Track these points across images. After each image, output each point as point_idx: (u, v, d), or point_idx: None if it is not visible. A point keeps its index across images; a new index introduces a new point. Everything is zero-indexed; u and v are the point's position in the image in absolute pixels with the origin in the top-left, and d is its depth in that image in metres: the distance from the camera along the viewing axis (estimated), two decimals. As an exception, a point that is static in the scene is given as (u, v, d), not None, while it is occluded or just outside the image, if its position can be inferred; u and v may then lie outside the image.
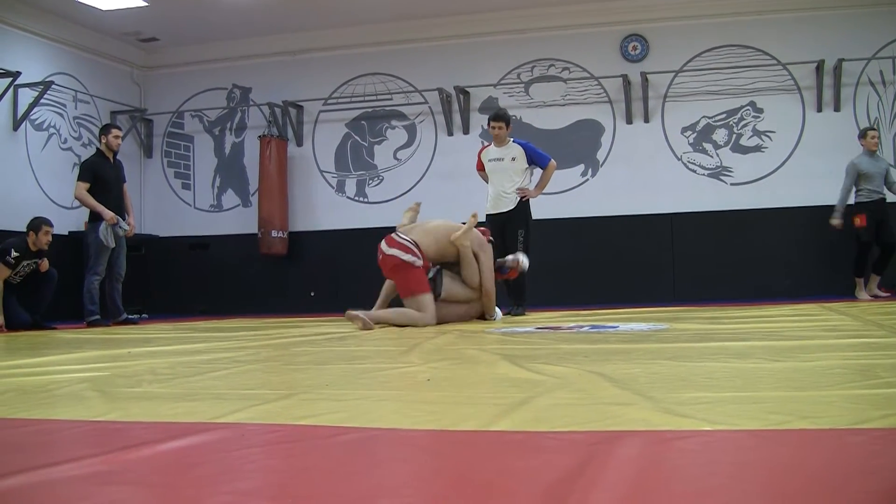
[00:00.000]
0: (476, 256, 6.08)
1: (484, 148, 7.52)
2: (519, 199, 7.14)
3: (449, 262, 6.15)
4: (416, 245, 5.88)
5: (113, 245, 7.67)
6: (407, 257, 5.82)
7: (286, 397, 2.18)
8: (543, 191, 7.39)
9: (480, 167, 7.47)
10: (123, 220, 7.80)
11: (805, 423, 1.59)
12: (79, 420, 1.92)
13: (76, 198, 7.93)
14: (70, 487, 1.27)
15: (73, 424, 1.87)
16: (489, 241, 6.33)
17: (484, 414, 1.81)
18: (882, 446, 1.43)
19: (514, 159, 7.17)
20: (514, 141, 7.28)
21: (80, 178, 7.78)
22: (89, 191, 7.67)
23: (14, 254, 7.17)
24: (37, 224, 7.34)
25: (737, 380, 2.27)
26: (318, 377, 2.70)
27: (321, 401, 2.10)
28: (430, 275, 5.92)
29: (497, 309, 6.24)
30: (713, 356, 2.89)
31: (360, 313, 5.50)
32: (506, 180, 7.17)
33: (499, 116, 7.19)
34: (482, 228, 6.31)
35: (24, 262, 7.31)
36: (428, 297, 5.76)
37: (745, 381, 2.24)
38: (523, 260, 6.37)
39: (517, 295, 7.12)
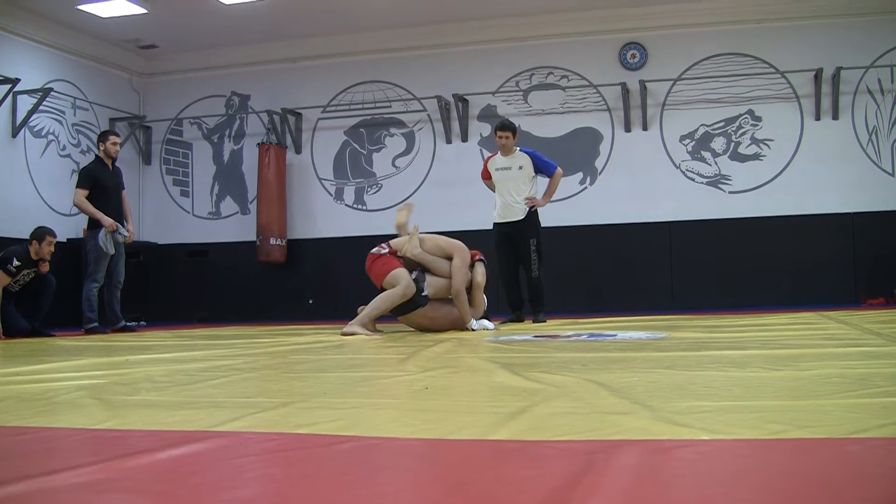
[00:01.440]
0: (451, 259, 6.14)
1: (490, 157, 7.58)
2: (528, 209, 7.21)
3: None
4: (388, 245, 6.14)
5: (112, 252, 7.67)
6: (374, 250, 6.14)
7: (284, 405, 2.17)
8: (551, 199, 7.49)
9: (486, 176, 7.52)
10: (122, 226, 7.80)
11: (803, 433, 1.59)
12: (77, 428, 1.92)
13: (75, 205, 7.93)
14: (69, 495, 1.27)
15: (71, 432, 1.87)
16: (479, 259, 6.32)
17: (482, 422, 1.81)
18: (880, 455, 1.44)
19: (521, 168, 7.24)
20: (520, 150, 7.35)
21: (78, 185, 7.78)
22: (88, 198, 7.67)
23: (16, 262, 7.17)
24: (40, 234, 7.33)
25: (735, 388, 2.27)
26: (316, 385, 2.70)
27: (319, 409, 2.10)
28: (413, 276, 5.98)
29: (486, 321, 6.19)
30: (711, 365, 2.89)
31: (356, 328, 5.63)
32: (513, 189, 7.25)
33: (505, 126, 7.27)
34: (473, 251, 6.33)
35: (25, 271, 7.31)
36: (400, 271, 5.92)
37: (744, 390, 2.25)
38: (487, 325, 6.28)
39: (536, 302, 7.24)
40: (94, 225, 7.70)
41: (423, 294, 5.94)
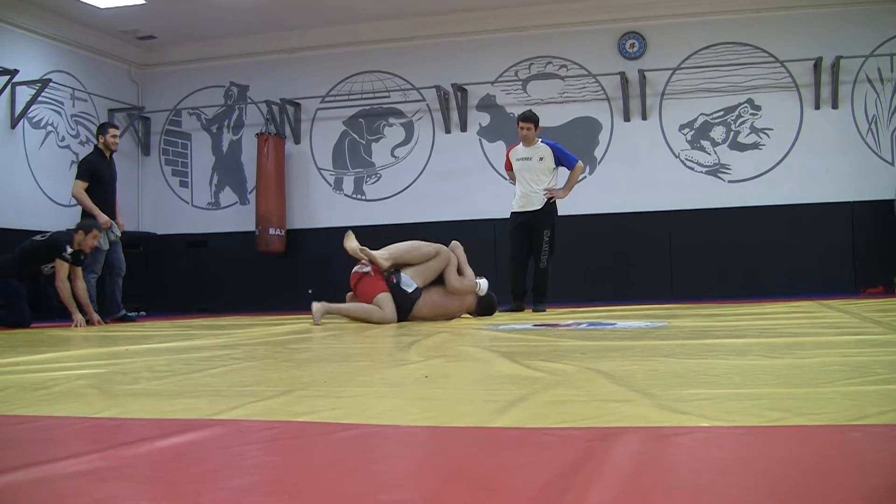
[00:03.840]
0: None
1: (512, 147, 7.63)
2: (546, 199, 7.26)
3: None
4: (370, 261, 6.17)
5: (107, 248, 7.68)
6: (358, 267, 6.18)
7: (284, 394, 2.18)
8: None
9: (509, 167, 7.58)
10: (115, 220, 7.80)
11: (802, 420, 1.59)
12: (78, 417, 1.92)
13: (73, 196, 7.91)
14: (69, 483, 1.27)
15: (71, 421, 1.87)
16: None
17: (482, 410, 1.81)
18: (879, 443, 1.44)
19: (541, 159, 7.31)
20: (542, 141, 7.41)
21: (78, 177, 7.76)
22: (87, 190, 7.66)
23: (69, 249, 7.02)
24: (88, 226, 7.19)
25: (734, 376, 2.27)
26: (316, 374, 2.70)
27: (319, 397, 2.10)
28: (392, 281, 6.06)
29: (481, 281, 6.25)
30: (711, 353, 2.89)
31: (319, 312, 5.76)
32: (532, 179, 7.32)
33: (527, 118, 7.33)
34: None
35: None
36: (384, 296, 5.96)
37: (743, 378, 2.25)
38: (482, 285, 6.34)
39: (540, 292, 7.31)
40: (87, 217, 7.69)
41: (412, 290, 5.99)
